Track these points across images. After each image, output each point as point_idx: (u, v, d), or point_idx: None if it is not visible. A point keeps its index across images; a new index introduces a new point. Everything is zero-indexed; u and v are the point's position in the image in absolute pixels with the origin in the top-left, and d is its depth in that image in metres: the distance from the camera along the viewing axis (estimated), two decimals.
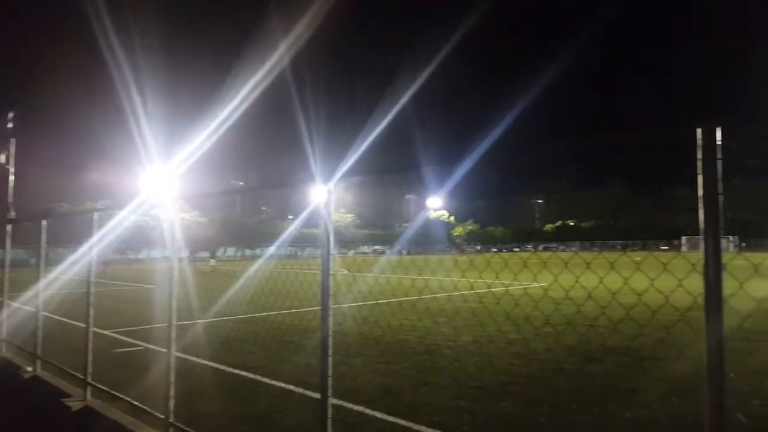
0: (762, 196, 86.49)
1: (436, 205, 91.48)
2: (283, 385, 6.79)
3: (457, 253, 75.67)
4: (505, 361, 7.93)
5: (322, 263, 3.27)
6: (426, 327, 10.72)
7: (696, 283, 2.13)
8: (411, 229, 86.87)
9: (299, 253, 67.77)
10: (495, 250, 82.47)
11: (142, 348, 9.37)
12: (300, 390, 6.47)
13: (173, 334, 4.72)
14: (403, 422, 5.44)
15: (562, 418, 5.55)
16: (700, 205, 1.93)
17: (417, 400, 6.19)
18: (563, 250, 78.42)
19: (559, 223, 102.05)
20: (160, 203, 5.10)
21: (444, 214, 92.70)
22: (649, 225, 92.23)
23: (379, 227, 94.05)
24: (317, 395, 3.41)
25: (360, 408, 5.85)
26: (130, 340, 10.18)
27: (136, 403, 5.31)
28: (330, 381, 3.22)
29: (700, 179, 1.93)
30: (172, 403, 4.61)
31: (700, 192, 1.93)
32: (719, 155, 1.90)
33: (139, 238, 47.63)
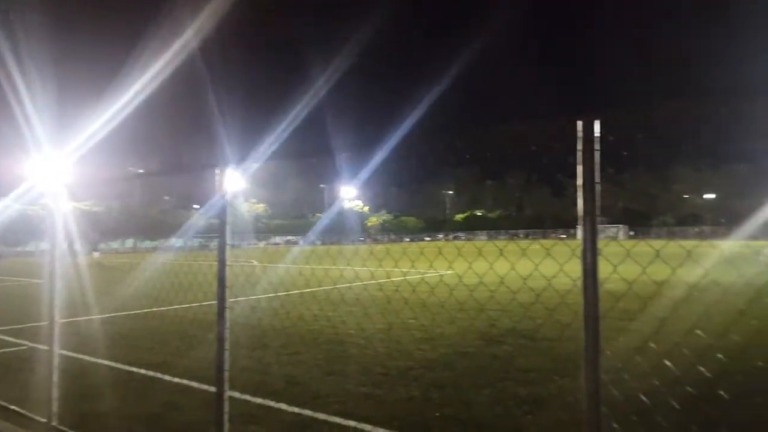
0: (649, 187, 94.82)
1: (350, 195, 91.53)
2: (182, 381, 6.51)
3: (371, 243, 76.37)
4: (413, 346, 8.11)
5: (218, 253, 3.14)
6: (338, 317, 10.71)
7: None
8: (325, 219, 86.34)
9: (210, 244, 65.22)
10: (408, 239, 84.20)
11: (26, 348, 8.61)
12: (200, 386, 6.23)
13: (56, 332, 4.36)
14: (307, 413, 5.40)
15: (462, 399, 5.77)
16: (579, 194, 2.04)
17: (322, 389, 6.17)
18: (471, 239, 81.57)
19: (468, 213, 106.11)
20: (49, 191, 4.67)
21: (358, 204, 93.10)
22: (549, 214, 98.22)
23: (292, 217, 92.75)
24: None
25: (263, 401, 5.74)
26: (15, 339, 9.33)
27: (14, 407, 4.86)
28: (227, 375, 3.10)
29: (579, 169, 2.04)
30: (55, 405, 4.27)
31: (579, 181, 2.04)
32: (597, 146, 2.01)
33: (29, 230, 43.70)
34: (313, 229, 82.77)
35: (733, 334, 6.37)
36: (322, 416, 5.30)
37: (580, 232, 2.03)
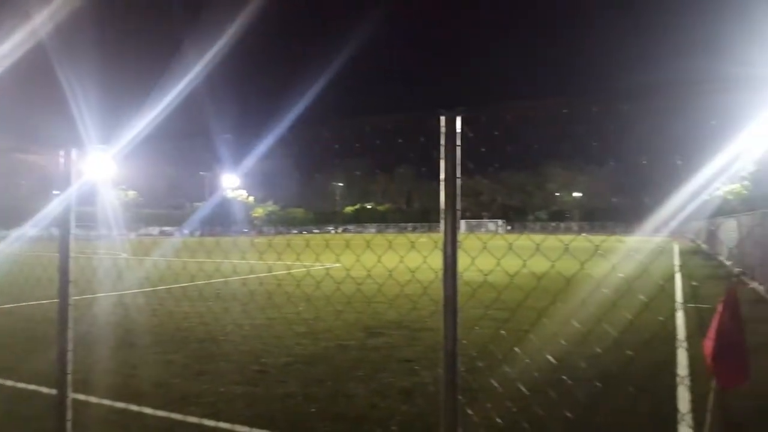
0: (526, 184, 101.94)
1: (233, 184, 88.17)
2: (28, 386, 5.83)
3: (256, 235, 74.35)
4: (293, 342, 7.96)
5: (59, 244, 2.79)
6: (212, 313, 10.23)
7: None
8: (205, 209, 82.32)
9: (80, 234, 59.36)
10: (296, 231, 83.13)
11: None
12: (50, 390, 5.62)
13: None
14: (175, 416, 5.08)
15: (342, 393, 5.75)
16: (442, 187, 2.06)
17: (192, 390, 5.84)
18: (361, 232, 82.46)
19: (358, 205, 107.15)
20: None
21: (242, 194, 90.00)
22: (437, 208, 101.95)
23: (168, 206, 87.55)
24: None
25: (125, 405, 5.31)
26: None
27: None
28: (69, 378, 2.78)
29: (442, 164, 2.05)
30: None
31: (442, 176, 2.05)
32: (458, 142, 2.04)
33: None
34: (190, 220, 78.73)
35: (575, 322, 6.96)
36: (191, 419, 5.02)
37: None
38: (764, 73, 1.87)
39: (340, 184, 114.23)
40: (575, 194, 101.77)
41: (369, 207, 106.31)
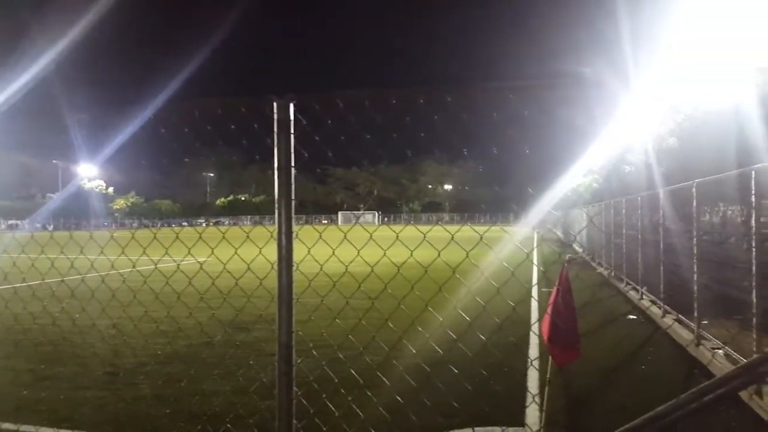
0: (400, 177, 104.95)
1: (90, 174, 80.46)
2: None
3: (117, 228, 68.80)
4: (149, 341, 7.47)
5: None
6: (59, 314, 9.25)
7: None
8: (58, 201, 74.37)
9: None
10: (161, 224, 78.13)
11: None
12: None
13: None
14: (6, 426, 4.56)
15: (199, 392, 5.52)
16: (276, 176, 2.02)
17: (32, 397, 5.34)
18: (235, 224, 79.62)
19: (231, 197, 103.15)
20: None
21: (100, 185, 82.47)
22: (311, 201, 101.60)
23: (14, 197, 77.84)
24: None
25: None
26: None
27: None
28: None
29: (275, 152, 2.01)
30: None
31: (276, 164, 2.02)
32: (292, 130, 2.01)
33: None
34: (40, 212, 70.83)
35: (407, 308, 7.33)
36: (26, 428, 4.53)
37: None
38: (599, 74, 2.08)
39: (211, 175, 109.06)
40: (446, 187, 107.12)
41: (243, 199, 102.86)
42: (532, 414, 4.99)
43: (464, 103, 2.01)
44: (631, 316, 10.06)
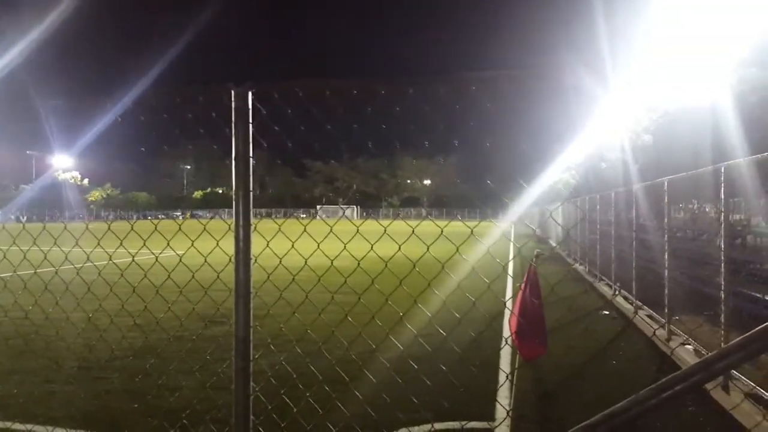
0: (380, 172, 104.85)
1: (65, 165, 78.83)
2: None
3: (92, 220, 67.59)
4: (122, 335, 7.32)
5: None
6: (30, 307, 9.03)
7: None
8: (31, 192, 72.79)
9: None
10: (137, 217, 77.02)
11: None
12: None
13: None
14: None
15: (170, 386, 5.44)
16: (234, 166, 1.96)
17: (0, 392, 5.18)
18: (212, 218, 78.79)
19: (208, 190, 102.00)
20: None
21: (75, 176, 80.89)
22: (290, 195, 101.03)
23: None
24: None
25: None
26: None
27: None
28: None
29: (233, 141, 1.95)
30: None
31: (234, 154, 1.95)
32: (251, 119, 1.95)
33: None
34: (13, 203, 69.26)
35: (366, 303, 7.31)
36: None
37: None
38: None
39: (188, 167, 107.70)
40: (426, 182, 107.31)
41: (220, 192, 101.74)
42: (500, 409, 5.02)
43: (428, 95, 1.97)
44: (605, 312, 10.18)
